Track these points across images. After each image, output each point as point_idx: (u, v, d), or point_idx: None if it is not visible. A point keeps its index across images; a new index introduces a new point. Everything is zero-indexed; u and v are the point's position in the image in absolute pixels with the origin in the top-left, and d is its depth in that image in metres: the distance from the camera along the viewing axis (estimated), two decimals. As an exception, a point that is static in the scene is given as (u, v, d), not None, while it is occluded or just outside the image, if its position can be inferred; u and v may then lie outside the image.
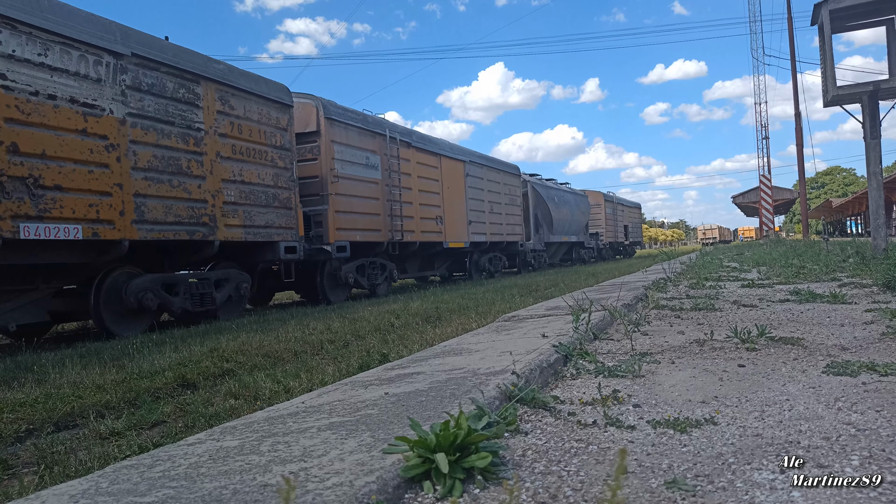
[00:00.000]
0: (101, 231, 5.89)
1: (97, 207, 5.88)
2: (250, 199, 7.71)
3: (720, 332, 3.26)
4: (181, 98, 6.89)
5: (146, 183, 6.40)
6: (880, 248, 8.82)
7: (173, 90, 6.80)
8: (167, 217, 6.61)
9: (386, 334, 5.19)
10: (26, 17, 5.36)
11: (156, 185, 6.51)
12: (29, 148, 5.33)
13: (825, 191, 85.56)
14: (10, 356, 5.03)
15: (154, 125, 6.55)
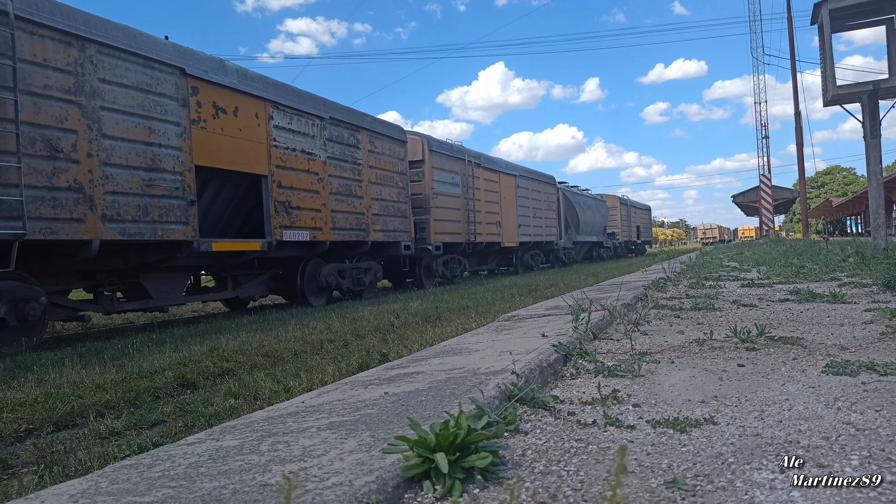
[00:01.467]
0: (316, 235, 8.93)
1: (314, 219, 8.92)
2: (385, 211, 10.78)
3: (720, 332, 3.26)
4: (350, 143, 9.95)
5: (336, 202, 9.45)
6: (880, 248, 8.82)
7: (346, 138, 9.86)
8: (346, 225, 9.68)
9: (386, 334, 5.19)
10: (283, 100, 8.43)
11: (340, 204, 9.58)
12: (286, 183, 8.37)
13: (825, 190, 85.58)
14: (10, 356, 5.03)
15: (338, 163, 9.60)
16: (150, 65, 6.55)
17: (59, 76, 5.69)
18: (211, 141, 7.23)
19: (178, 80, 6.84)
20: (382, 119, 11.01)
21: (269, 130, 8.14)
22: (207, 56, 7.39)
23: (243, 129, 7.71)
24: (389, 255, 11.30)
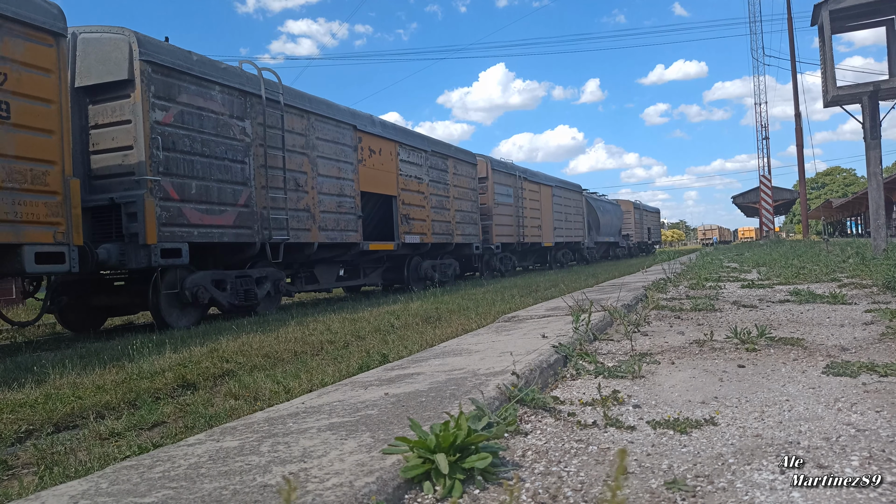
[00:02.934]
0: (423, 238, 12.00)
1: (422, 227, 11.99)
2: (464, 220, 13.88)
3: (720, 333, 3.26)
4: (442, 168, 13.13)
5: (434, 213, 12.54)
6: (880, 249, 8.82)
7: (440, 165, 13.05)
8: (440, 231, 12.73)
9: (386, 335, 5.19)
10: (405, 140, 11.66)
11: (436, 215, 12.68)
12: (406, 201, 11.57)
13: (825, 191, 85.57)
14: (10, 356, 5.03)
15: (435, 184, 12.74)
16: (339, 125, 9.66)
17: (299, 138, 8.75)
18: (367, 173, 10.37)
19: (352, 133, 10.01)
20: (461, 147, 14.44)
21: (398, 163, 11.45)
22: (366, 115, 10.67)
23: (384, 164, 11.00)
24: (464, 253, 14.36)
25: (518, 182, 17.35)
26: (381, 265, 11.62)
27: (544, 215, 19.26)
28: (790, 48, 28.48)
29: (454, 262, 13.92)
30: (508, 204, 16.64)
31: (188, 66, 6.96)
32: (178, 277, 6.96)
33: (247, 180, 7.66)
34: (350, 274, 11.05)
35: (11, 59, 5.16)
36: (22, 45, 5.25)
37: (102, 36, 6.56)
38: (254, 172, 7.78)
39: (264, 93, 7.92)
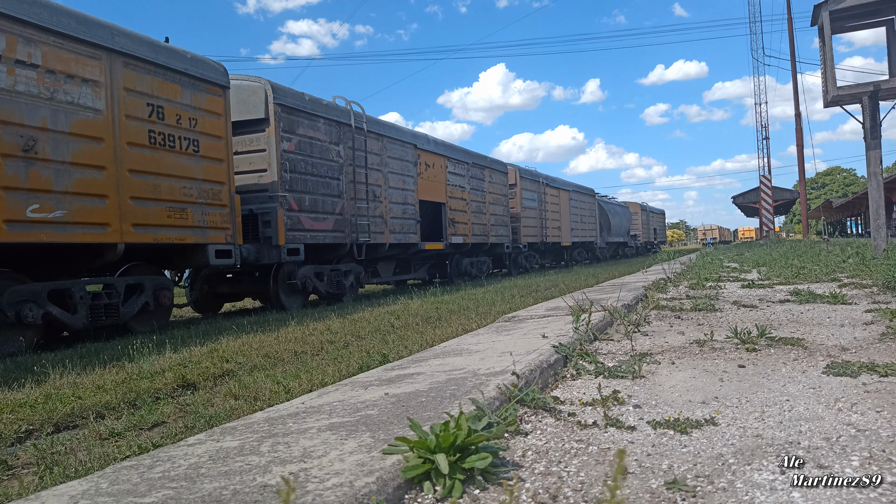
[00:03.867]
0: (465, 239, 13.68)
1: (464, 229, 13.67)
2: (497, 222, 15.65)
3: (720, 333, 3.26)
4: (479, 178, 14.77)
5: (473, 217, 14.19)
6: (880, 249, 8.82)
7: (478, 174, 14.68)
8: (478, 232, 14.45)
9: (386, 335, 5.19)
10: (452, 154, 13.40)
11: (475, 218, 14.33)
12: (452, 207, 13.21)
13: (825, 191, 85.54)
14: (10, 356, 5.04)
15: (474, 192, 14.38)
16: (404, 145, 11.45)
17: (376, 157, 10.50)
18: (423, 184, 12.13)
19: (413, 150, 11.77)
20: (495, 158, 16.16)
21: (446, 175, 13.27)
22: (423, 134, 12.50)
23: (436, 176, 12.76)
24: (496, 252, 16.18)
25: (541, 188, 19.28)
26: (427, 262, 13.62)
27: (563, 218, 21.23)
28: (790, 48, 28.49)
29: (488, 259, 15.85)
30: (533, 208, 18.54)
31: (303, 105, 8.73)
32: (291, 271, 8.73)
33: (341, 193, 9.50)
34: (402, 269, 12.75)
35: (199, 107, 6.85)
36: (204, 97, 6.95)
37: (243, 83, 8.22)
38: (345, 187, 9.60)
39: (353, 122, 9.87)
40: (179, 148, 6.59)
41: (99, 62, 5.79)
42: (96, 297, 6.12)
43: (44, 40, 5.31)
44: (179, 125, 6.61)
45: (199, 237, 6.77)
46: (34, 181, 5.17)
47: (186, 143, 6.67)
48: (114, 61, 5.92)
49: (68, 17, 5.53)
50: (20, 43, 5.11)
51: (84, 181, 5.58)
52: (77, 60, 5.60)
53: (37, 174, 5.20)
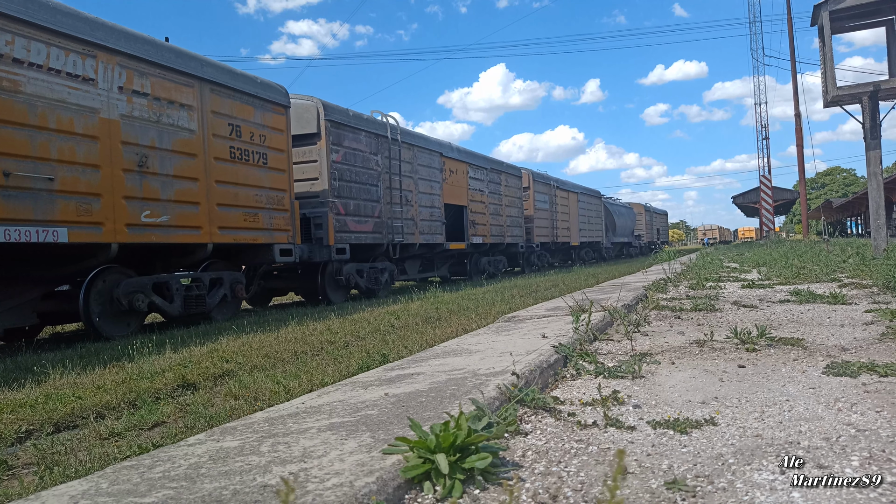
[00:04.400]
0: (484, 239, 14.81)
1: (483, 230, 14.77)
2: (512, 223, 16.87)
3: (720, 333, 3.26)
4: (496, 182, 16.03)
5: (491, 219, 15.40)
6: (880, 249, 8.82)
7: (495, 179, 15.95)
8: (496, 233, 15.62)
9: (386, 335, 5.19)
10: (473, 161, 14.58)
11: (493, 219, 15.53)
12: (473, 209, 14.27)
13: (825, 191, 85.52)
14: (10, 356, 5.04)
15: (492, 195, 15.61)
16: (431, 153, 12.63)
17: (407, 165, 11.56)
18: (448, 189, 13.25)
19: (439, 158, 12.93)
20: (511, 163, 17.37)
21: (467, 180, 14.39)
22: (447, 143, 13.63)
23: (458, 181, 13.87)
24: (510, 251, 17.18)
25: (552, 190, 20.50)
26: (449, 260, 14.75)
27: (572, 219, 22.55)
28: (790, 48, 28.48)
29: (503, 258, 16.94)
30: (545, 209, 19.76)
31: (348, 120, 9.86)
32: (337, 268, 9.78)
33: (379, 198, 10.58)
34: (426, 267, 13.79)
35: (266, 125, 7.95)
36: (271, 116, 8.05)
37: (298, 102, 9.17)
38: (382, 193, 10.67)
39: (389, 134, 10.99)
40: (252, 161, 7.70)
41: (192, 89, 6.87)
42: (188, 289, 7.07)
43: (152, 73, 6.38)
44: (252, 141, 7.72)
45: (268, 238, 7.91)
46: (146, 191, 6.23)
47: (257, 156, 7.80)
48: (203, 88, 6.99)
49: (169, 51, 6.61)
50: (136, 76, 6.21)
51: (183, 191, 6.66)
52: (176, 88, 6.66)
53: (148, 185, 6.25)
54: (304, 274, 9.77)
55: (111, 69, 5.98)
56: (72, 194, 5.53)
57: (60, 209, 5.43)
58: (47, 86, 5.41)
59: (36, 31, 5.30)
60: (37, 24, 5.29)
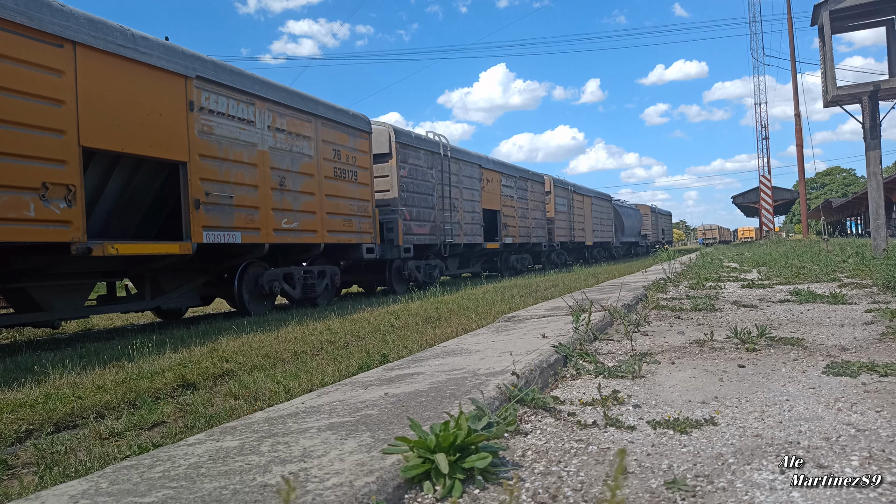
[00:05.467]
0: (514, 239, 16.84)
1: (513, 231, 16.73)
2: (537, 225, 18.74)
3: (720, 333, 3.26)
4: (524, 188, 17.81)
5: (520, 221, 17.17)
6: (880, 249, 8.82)
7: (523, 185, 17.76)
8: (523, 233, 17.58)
9: (386, 335, 5.19)
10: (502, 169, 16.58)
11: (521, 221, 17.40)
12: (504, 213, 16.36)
13: (825, 191, 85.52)
14: (10, 356, 5.04)
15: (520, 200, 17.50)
16: (472, 165, 14.54)
17: (454, 176, 13.50)
18: (485, 196, 15.21)
19: (478, 169, 14.94)
20: (535, 171, 19.14)
21: (501, 187, 16.21)
22: (485, 156, 15.61)
23: (493, 189, 15.82)
24: (534, 251, 19.20)
25: (569, 194, 22.43)
26: (482, 258, 16.51)
27: (586, 221, 24.47)
28: (790, 48, 28.46)
29: (529, 256, 19.04)
30: (564, 212, 21.70)
31: (411, 141, 11.96)
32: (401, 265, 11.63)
33: (433, 206, 12.62)
34: (463, 264, 15.62)
35: (356, 148, 9.95)
36: (359, 140, 10.08)
37: (375, 127, 10.98)
38: (436, 201, 12.71)
39: (441, 151, 13.07)
40: (348, 178, 9.70)
41: (311, 124, 8.87)
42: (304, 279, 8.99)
43: (287, 114, 8.35)
44: (347, 162, 9.70)
45: (358, 239, 9.94)
46: (284, 204, 8.17)
47: (351, 174, 9.77)
48: (317, 122, 9.00)
49: (298, 97, 8.63)
50: (277, 117, 8.17)
51: (306, 203, 8.65)
52: (301, 125, 8.65)
53: (285, 199, 8.21)
54: (369, 269, 11.50)
55: (263, 113, 7.92)
56: (242, 207, 7.47)
57: (236, 218, 7.36)
58: (227, 128, 7.33)
59: (221, 88, 7.24)
60: (222, 84, 7.23)
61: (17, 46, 5.17)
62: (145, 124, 6.27)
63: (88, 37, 5.73)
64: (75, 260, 5.78)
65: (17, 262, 5.71)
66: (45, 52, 5.40)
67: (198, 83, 6.88)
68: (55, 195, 5.37)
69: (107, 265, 6.61)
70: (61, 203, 5.42)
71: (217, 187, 7.05)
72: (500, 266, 17.01)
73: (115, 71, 6.00)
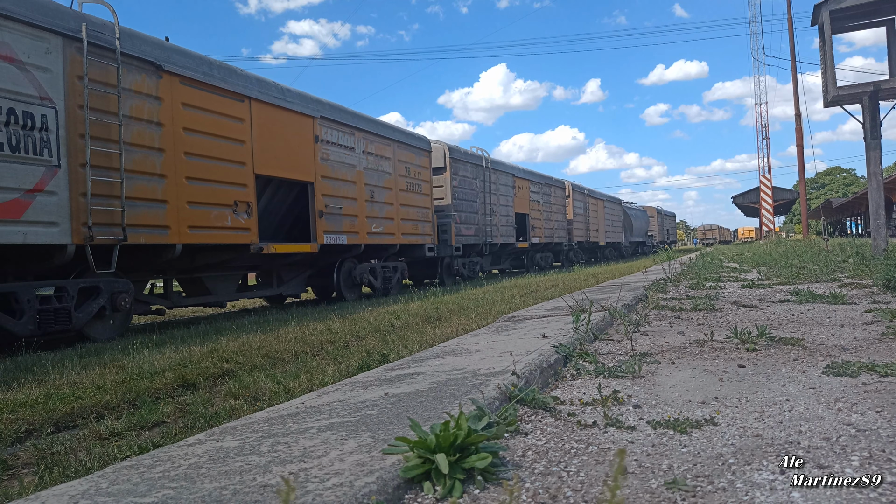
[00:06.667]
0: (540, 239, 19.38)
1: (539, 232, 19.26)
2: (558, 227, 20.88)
3: (720, 333, 3.26)
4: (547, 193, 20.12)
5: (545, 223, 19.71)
6: (880, 249, 8.81)
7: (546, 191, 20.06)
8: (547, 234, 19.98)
9: (386, 335, 5.18)
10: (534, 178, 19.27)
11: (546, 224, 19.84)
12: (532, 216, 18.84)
13: (825, 191, 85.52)
14: (10, 356, 5.04)
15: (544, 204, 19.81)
16: (507, 175, 16.80)
17: (493, 185, 15.74)
18: (516, 201, 17.38)
19: (512, 178, 17.17)
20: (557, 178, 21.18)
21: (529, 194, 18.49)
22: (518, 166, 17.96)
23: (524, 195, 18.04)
24: (556, 249, 21.56)
25: (585, 198, 24.62)
26: (511, 256, 18.63)
27: (600, 222, 26.72)
28: (790, 48, 28.46)
29: (551, 254, 21.25)
30: (581, 214, 23.84)
31: (461, 156, 14.34)
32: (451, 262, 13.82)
33: (477, 211, 14.89)
34: (495, 262, 17.60)
35: (420, 165, 12.29)
36: (422, 158, 12.42)
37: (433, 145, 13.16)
38: (479, 207, 15.04)
39: (484, 164, 15.46)
40: (415, 189, 11.96)
41: (390, 147, 11.17)
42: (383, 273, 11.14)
43: (374, 140, 10.64)
44: (414, 176, 11.96)
45: (421, 240, 12.15)
46: (373, 213, 10.43)
47: (417, 186, 12.04)
48: (394, 145, 11.32)
49: (382, 125, 11.01)
50: (368, 143, 10.44)
51: (387, 211, 10.93)
52: (383, 148, 10.92)
53: (373, 209, 10.45)
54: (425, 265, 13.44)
55: (360, 141, 10.18)
56: (347, 216, 9.63)
57: (343, 225, 9.55)
58: (338, 154, 9.55)
59: (334, 123, 9.51)
60: (334, 120, 9.51)
61: (220, 104, 7.34)
62: (289, 154, 8.46)
63: (257, 92, 7.93)
64: (245, 256, 7.89)
65: (200, 259, 7.53)
66: (235, 106, 7.57)
67: (320, 121, 9.18)
68: (241, 209, 7.54)
69: (253, 261, 8.51)
70: (245, 215, 7.59)
71: (332, 201, 9.32)
72: (526, 263, 19.30)
73: (271, 115, 8.18)
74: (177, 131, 6.73)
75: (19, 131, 5.20)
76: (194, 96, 6.99)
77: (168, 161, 6.60)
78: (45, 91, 5.45)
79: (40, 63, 5.42)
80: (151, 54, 6.54)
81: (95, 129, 5.81)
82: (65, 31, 5.62)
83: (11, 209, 5.10)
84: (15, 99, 5.18)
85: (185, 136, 6.84)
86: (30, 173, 5.25)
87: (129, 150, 6.14)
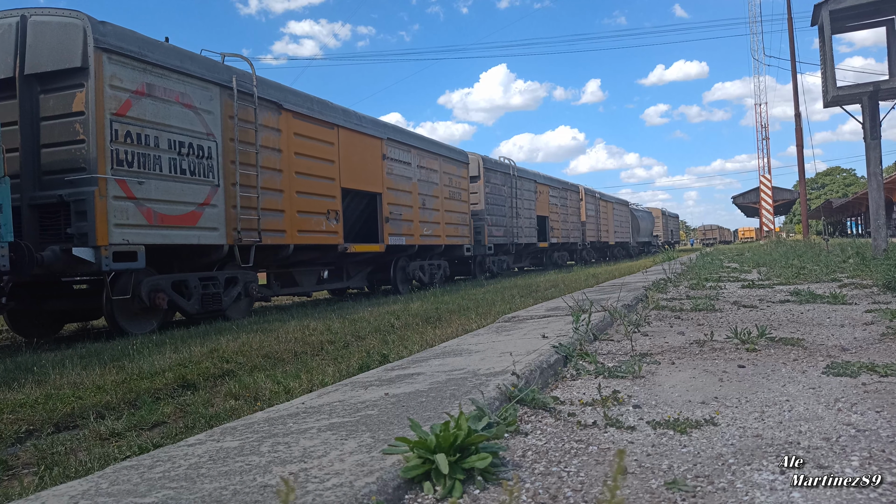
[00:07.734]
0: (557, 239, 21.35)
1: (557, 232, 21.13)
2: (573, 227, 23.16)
3: (720, 333, 3.26)
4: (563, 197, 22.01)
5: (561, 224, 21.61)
6: (880, 249, 8.81)
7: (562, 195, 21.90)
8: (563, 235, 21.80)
9: (386, 335, 5.18)
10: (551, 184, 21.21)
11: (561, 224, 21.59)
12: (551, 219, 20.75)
13: (825, 191, 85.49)
14: (11, 357, 5.04)
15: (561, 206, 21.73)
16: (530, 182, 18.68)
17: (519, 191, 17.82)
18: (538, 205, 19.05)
19: (534, 184, 18.90)
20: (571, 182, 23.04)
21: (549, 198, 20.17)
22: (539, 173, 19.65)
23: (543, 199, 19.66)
24: (570, 248, 22.97)
25: (596, 201, 26.25)
26: (531, 255, 20.34)
27: (609, 223, 28.33)
28: (790, 48, 28.45)
29: (566, 253, 22.93)
30: (593, 216, 25.47)
31: (493, 165, 16.18)
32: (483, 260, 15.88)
33: (506, 214, 16.64)
34: (517, 260, 19.29)
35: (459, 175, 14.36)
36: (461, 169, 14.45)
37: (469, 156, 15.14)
38: (507, 210, 16.73)
39: (511, 172, 17.25)
40: (455, 197, 13.82)
41: (437, 161, 13.07)
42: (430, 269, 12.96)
43: (425, 156, 12.55)
44: (455, 185, 13.83)
45: (461, 241, 13.96)
46: (424, 218, 12.31)
47: (457, 193, 13.92)
48: (440, 159, 13.21)
49: (430, 142, 13.11)
50: (420, 157, 12.35)
51: (435, 216, 12.77)
52: (432, 161, 12.79)
53: (425, 215, 12.34)
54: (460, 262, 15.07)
55: (414, 156, 12.11)
56: (405, 221, 11.54)
57: (403, 228, 11.43)
58: (398, 168, 11.48)
59: (396, 143, 11.44)
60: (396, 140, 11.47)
61: (318, 131, 9.23)
62: (364, 170, 10.41)
63: (342, 120, 9.88)
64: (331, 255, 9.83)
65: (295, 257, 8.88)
66: (327, 133, 9.49)
67: (387, 142, 11.14)
68: (332, 216, 9.42)
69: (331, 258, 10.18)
70: (334, 221, 9.49)
71: (394, 208, 11.23)
72: (545, 261, 21.30)
73: (352, 139, 10.11)
74: (290, 155, 8.60)
75: (195, 160, 6.94)
76: (301, 127, 8.88)
77: (285, 179, 8.44)
78: (210, 128, 7.19)
79: (206, 107, 7.15)
80: (275, 96, 8.36)
81: (241, 156, 7.60)
82: (221, 82, 7.37)
83: (191, 218, 6.88)
84: (193, 136, 6.92)
85: (296, 158, 8.71)
86: (202, 191, 7.02)
87: (262, 171, 7.92)
